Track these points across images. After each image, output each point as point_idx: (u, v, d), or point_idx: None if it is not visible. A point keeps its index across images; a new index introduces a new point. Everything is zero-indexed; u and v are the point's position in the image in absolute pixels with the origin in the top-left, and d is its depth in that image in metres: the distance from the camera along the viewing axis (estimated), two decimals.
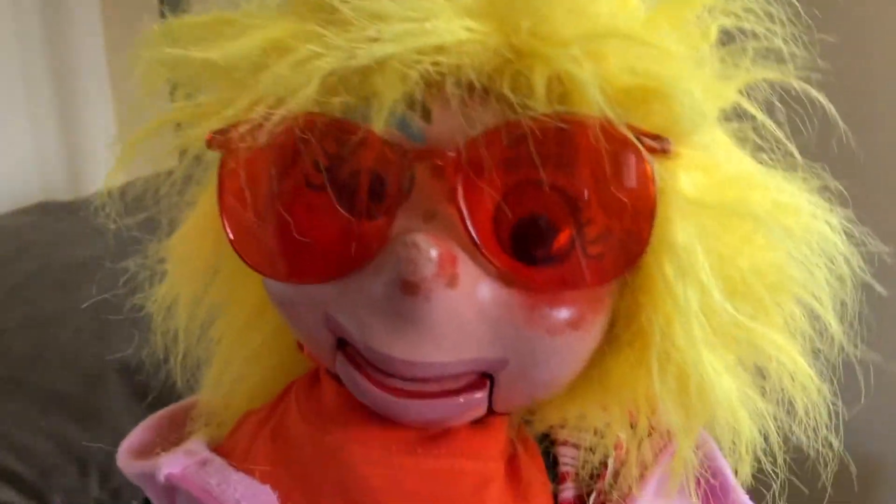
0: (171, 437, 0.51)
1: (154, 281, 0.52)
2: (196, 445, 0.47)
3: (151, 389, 0.85)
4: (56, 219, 1.20)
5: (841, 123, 0.45)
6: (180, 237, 0.50)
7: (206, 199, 0.48)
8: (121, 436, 0.89)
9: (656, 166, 0.39)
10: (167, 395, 0.56)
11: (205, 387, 0.54)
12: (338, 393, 0.45)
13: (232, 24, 0.42)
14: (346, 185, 0.40)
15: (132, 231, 0.49)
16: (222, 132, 0.41)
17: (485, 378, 0.42)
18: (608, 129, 0.38)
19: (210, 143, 0.41)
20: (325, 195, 0.40)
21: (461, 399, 0.41)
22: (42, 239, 1.12)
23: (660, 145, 0.38)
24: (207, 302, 0.52)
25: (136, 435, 0.52)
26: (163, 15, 1.38)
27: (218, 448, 0.48)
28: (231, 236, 0.42)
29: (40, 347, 0.96)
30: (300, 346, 0.49)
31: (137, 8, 1.45)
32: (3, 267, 1.06)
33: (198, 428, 0.51)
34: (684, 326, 0.40)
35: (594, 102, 0.37)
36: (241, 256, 0.42)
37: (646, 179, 0.39)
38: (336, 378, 0.44)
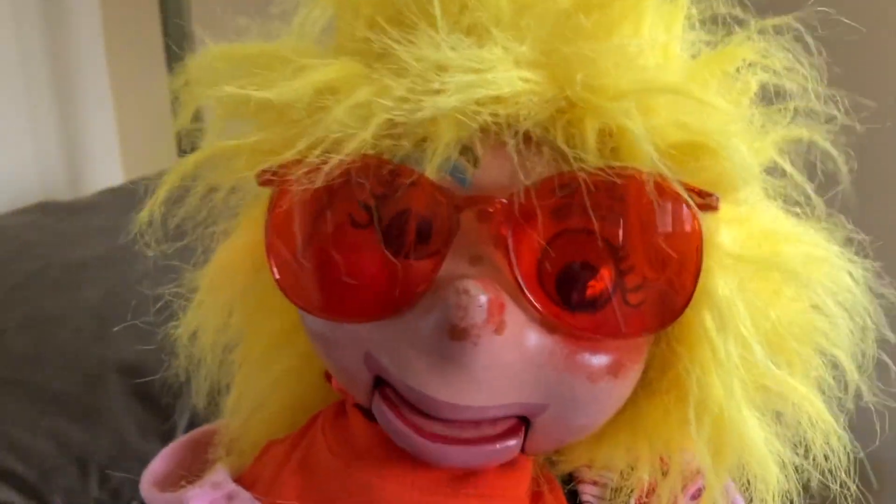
0: (194, 466, 0.51)
1: (185, 307, 0.52)
2: (221, 476, 0.48)
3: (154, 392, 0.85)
4: (56, 219, 1.19)
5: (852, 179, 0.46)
6: (213, 266, 0.50)
7: (241, 230, 0.48)
8: (121, 436, 0.89)
9: (703, 222, 0.40)
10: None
11: (225, 413, 0.54)
12: (367, 428, 0.45)
13: (285, 62, 0.42)
14: (393, 227, 0.40)
15: (171, 259, 0.50)
16: (275, 171, 0.41)
17: (521, 423, 0.42)
18: (660, 184, 0.38)
19: (262, 181, 0.42)
20: (370, 235, 0.41)
21: (497, 446, 0.42)
22: (42, 239, 1.11)
23: (708, 202, 0.39)
24: (232, 328, 0.52)
25: (158, 464, 0.52)
26: (163, 15, 1.38)
27: (241, 478, 0.48)
28: (277, 274, 0.42)
29: (40, 347, 0.94)
30: (328, 378, 0.49)
31: (137, 8, 1.46)
32: (3, 267, 1.04)
33: (219, 456, 0.51)
34: (723, 379, 0.41)
35: (647, 157, 0.38)
36: (286, 294, 0.42)
37: (694, 235, 0.40)
38: (365, 412, 0.45)
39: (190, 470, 0.50)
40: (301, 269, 0.42)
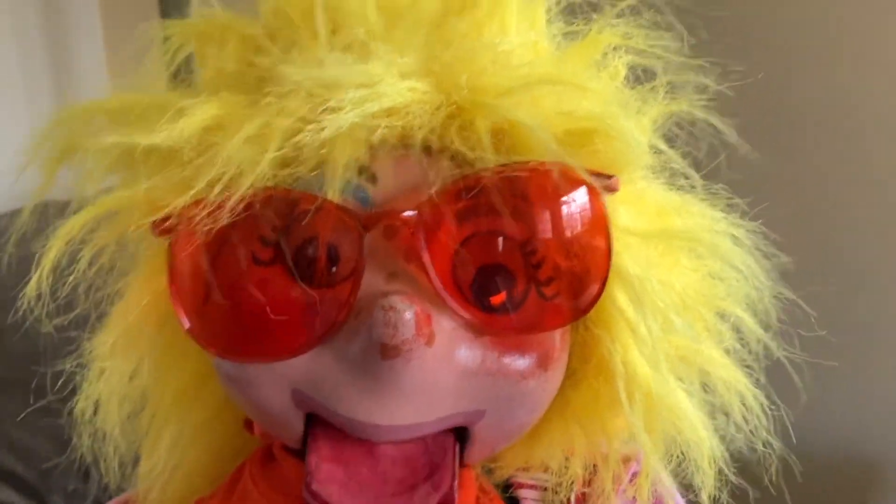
0: None
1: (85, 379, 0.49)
2: None
3: None
4: (56, 219, 1.19)
5: (741, 141, 0.46)
6: (110, 330, 0.48)
7: (135, 289, 0.46)
8: None
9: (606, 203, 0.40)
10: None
11: (139, 480, 0.52)
12: (300, 469, 0.43)
13: (164, 107, 0.40)
14: (302, 257, 0.39)
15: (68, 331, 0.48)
16: (169, 217, 0.39)
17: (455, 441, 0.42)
18: (565, 172, 0.39)
19: (155, 230, 0.40)
20: (279, 269, 0.39)
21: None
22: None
23: (609, 184, 0.40)
24: (136, 393, 0.50)
25: None
26: (163, 15, 1.36)
27: None
28: (186, 323, 0.41)
29: (40, 347, 0.96)
30: (248, 426, 0.48)
31: (137, 8, 1.43)
32: (2, 267, 1.06)
33: None
34: (647, 355, 0.41)
35: (545, 147, 0.38)
36: (200, 343, 0.41)
37: (601, 218, 0.40)
38: (296, 453, 0.44)
39: None
40: (212, 315, 0.40)
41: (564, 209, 0.39)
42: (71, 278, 0.45)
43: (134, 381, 0.49)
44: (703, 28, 0.45)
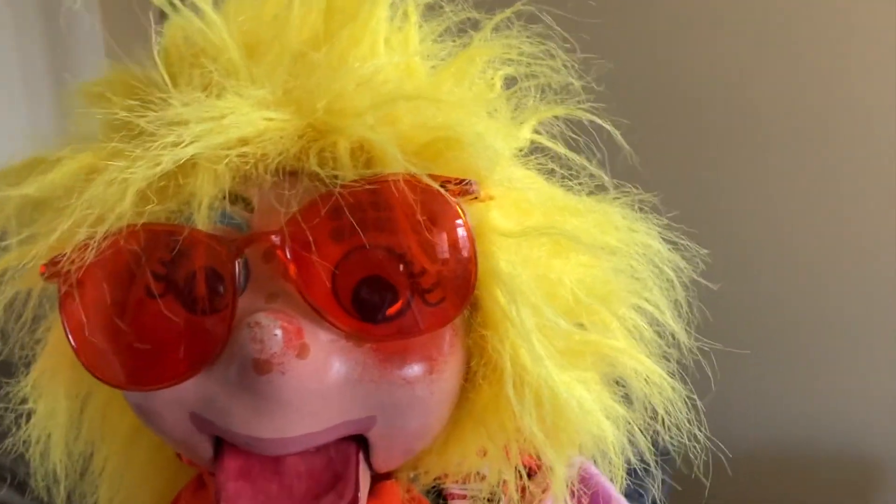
0: None
1: (20, 423, 0.52)
2: None
3: None
4: None
5: (624, 144, 0.48)
6: (38, 374, 0.50)
7: (57, 332, 0.49)
8: None
9: (466, 207, 0.42)
10: None
11: None
12: None
13: (43, 161, 0.43)
14: (185, 287, 0.41)
15: None
16: (53, 262, 0.42)
17: (357, 449, 0.43)
18: (412, 182, 0.40)
19: (44, 274, 0.42)
20: (168, 301, 0.41)
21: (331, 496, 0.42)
22: None
23: (462, 187, 0.41)
24: (83, 432, 0.52)
25: None
26: (162, 13, 1.37)
27: None
28: (81, 358, 0.42)
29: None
30: (179, 456, 0.49)
31: (138, 8, 1.45)
32: None
33: None
34: (528, 347, 0.42)
35: (394, 160, 0.40)
36: (94, 375, 0.43)
37: (458, 222, 0.41)
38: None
39: None
40: (104, 348, 0.42)
41: (421, 217, 0.40)
42: None
43: (82, 422, 0.51)
44: (585, 31, 0.46)
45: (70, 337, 0.42)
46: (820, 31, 1.32)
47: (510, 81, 0.47)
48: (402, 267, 0.41)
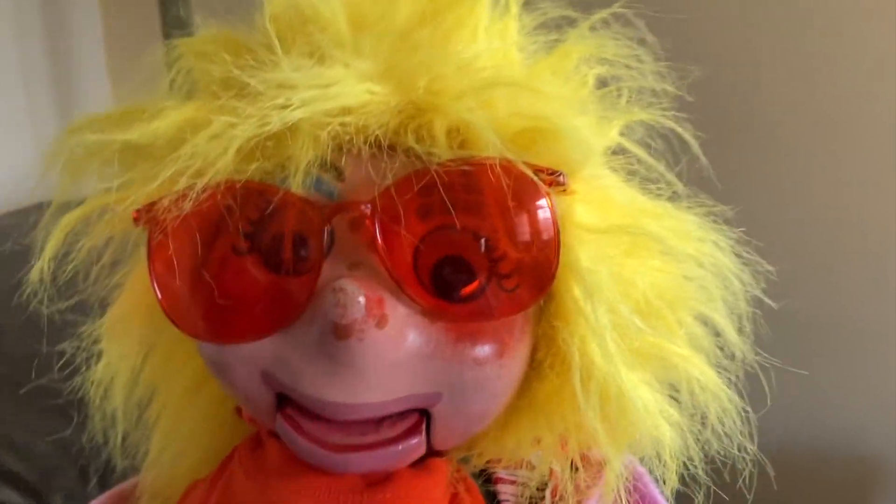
0: None
1: (90, 363, 0.53)
2: None
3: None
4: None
5: (702, 156, 0.50)
6: (113, 318, 0.51)
7: (135, 279, 0.50)
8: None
9: (554, 198, 0.42)
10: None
11: (147, 465, 0.55)
12: (280, 449, 0.46)
13: (146, 110, 0.44)
14: (271, 247, 0.42)
15: (66, 315, 0.51)
16: (147, 208, 0.43)
17: (421, 419, 0.44)
18: (507, 168, 0.41)
19: (136, 220, 0.43)
20: (252, 259, 0.43)
21: (399, 447, 0.43)
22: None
23: (554, 178, 0.42)
24: (144, 381, 0.53)
25: None
26: (163, 14, 1.35)
27: None
28: (164, 306, 0.44)
29: (40, 348, 0.98)
30: (239, 412, 0.51)
31: (137, 8, 1.46)
32: (3, 267, 1.07)
33: None
34: (599, 343, 0.43)
35: (491, 144, 0.41)
36: (176, 324, 0.44)
37: (547, 212, 0.42)
38: (277, 437, 0.46)
39: None
40: (186, 298, 0.44)
41: (512, 203, 0.41)
42: (71, 266, 0.49)
43: (143, 370, 0.53)
44: (675, 37, 0.47)
45: (156, 284, 0.44)
46: None
47: (601, 82, 0.48)
48: (483, 250, 0.42)
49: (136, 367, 0.53)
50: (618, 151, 0.48)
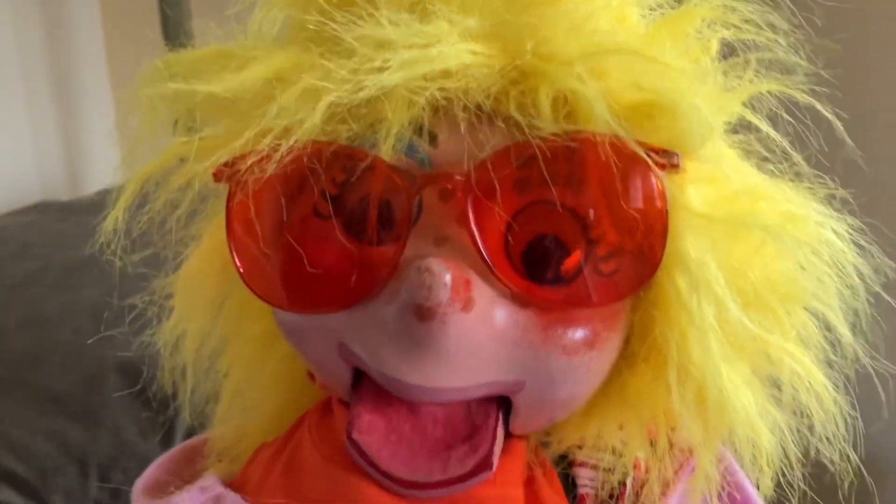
0: (185, 474, 0.51)
1: (161, 317, 0.51)
2: (210, 481, 0.47)
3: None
4: (56, 219, 1.21)
5: (846, 135, 0.45)
6: (186, 272, 0.50)
7: (210, 233, 0.48)
8: (120, 436, 0.89)
9: (666, 181, 0.39)
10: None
11: (216, 422, 0.54)
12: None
13: (232, 57, 0.41)
14: (355, 213, 0.40)
15: (138, 268, 0.49)
16: (229, 165, 0.40)
17: (491, 451, 0.41)
18: (617, 146, 0.38)
19: (217, 177, 0.41)
20: (334, 224, 0.40)
21: (466, 483, 0.41)
22: (42, 239, 1.13)
23: (668, 160, 0.38)
24: (214, 336, 0.51)
25: (150, 473, 0.51)
26: (163, 14, 1.36)
27: (232, 483, 0.48)
28: (241, 268, 0.42)
29: (40, 347, 0.95)
30: (311, 377, 0.48)
31: (138, 8, 1.46)
32: (3, 267, 1.06)
33: (211, 464, 0.51)
34: (700, 341, 0.40)
35: (601, 119, 0.37)
36: (250, 288, 0.42)
37: (656, 195, 0.39)
38: (348, 405, 0.44)
39: (182, 478, 0.49)
40: (264, 261, 0.41)
41: (619, 183, 0.38)
42: (146, 218, 0.47)
43: (214, 326, 0.51)
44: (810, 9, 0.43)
45: (233, 248, 0.42)
46: None
47: (726, 48, 0.43)
48: (580, 231, 0.39)
49: (208, 322, 0.51)
50: (740, 125, 0.44)
